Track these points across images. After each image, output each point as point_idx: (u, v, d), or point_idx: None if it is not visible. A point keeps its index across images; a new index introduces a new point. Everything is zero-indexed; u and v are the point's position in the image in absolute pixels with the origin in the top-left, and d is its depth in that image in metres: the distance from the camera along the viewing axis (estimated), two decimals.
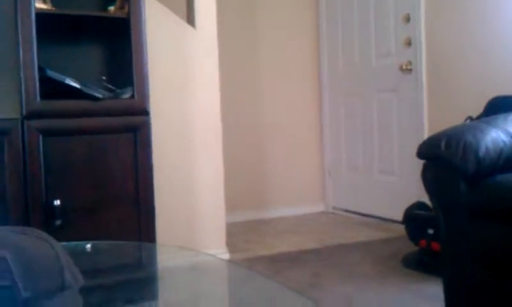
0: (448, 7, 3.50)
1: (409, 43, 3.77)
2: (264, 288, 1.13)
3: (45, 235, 0.98)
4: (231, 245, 3.26)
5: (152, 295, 1.27)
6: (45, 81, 2.19)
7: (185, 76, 2.92)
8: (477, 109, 2.99)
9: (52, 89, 2.21)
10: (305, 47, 4.59)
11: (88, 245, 1.45)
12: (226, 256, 3.06)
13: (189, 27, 2.94)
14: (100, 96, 2.28)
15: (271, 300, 1.03)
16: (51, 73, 2.22)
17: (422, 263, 2.77)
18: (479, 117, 2.84)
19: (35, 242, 0.94)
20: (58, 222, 2.15)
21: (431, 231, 2.74)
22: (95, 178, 2.27)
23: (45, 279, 0.91)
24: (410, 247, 2.97)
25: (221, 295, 1.21)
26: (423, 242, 2.81)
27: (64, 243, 1.08)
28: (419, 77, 3.70)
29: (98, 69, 2.58)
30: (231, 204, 3.45)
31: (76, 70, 2.44)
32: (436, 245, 2.67)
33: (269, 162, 4.47)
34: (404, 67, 3.79)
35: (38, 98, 2.15)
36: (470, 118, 2.94)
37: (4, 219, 2.07)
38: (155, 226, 2.34)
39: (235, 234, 3.72)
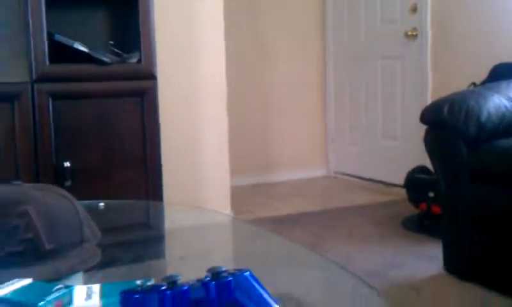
0: None
1: (414, 9, 3.76)
2: (271, 243, 1.18)
3: (64, 191, 1.03)
4: (235, 207, 3.33)
5: (161, 251, 1.32)
6: (54, 46, 2.22)
7: (192, 41, 2.94)
8: (481, 75, 3.01)
9: (60, 53, 2.24)
10: (311, 13, 4.58)
11: (101, 204, 1.50)
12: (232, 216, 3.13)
13: None
14: (107, 60, 2.31)
15: (278, 254, 1.09)
16: (60, 38, 2.25)
17: (422, 226, 2.84)
18: (482, 83, 2.87)
19: (56, 198, 0.99)
20: (68, 183, 2.20)
21: (431, 195, 2.80)
22: (103, 140, 2.32)
23: (66, 232, 0.96)
24: (411, 210, 3.03)
25: (229, 249, 1.27)
26: (423, 205, 2.87)
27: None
28: (424, 44, 3.71)
29: (105, 34, 2.61)
30: (235, 168, 3.50)
31: (84, 34, 2.47)
32: (436, 208, 2.73)
33: (273, 127, 4.51)
34: (409, 33, 3.79)
35: (47, 62, 2.18)
36: (474, 84, 2.97)
37: (16, 180, 2.13)
38: (162, 187, 2.40)
39: (239, 197, 3.79)
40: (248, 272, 0.66)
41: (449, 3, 3.54)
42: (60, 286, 0.73)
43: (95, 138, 2.31)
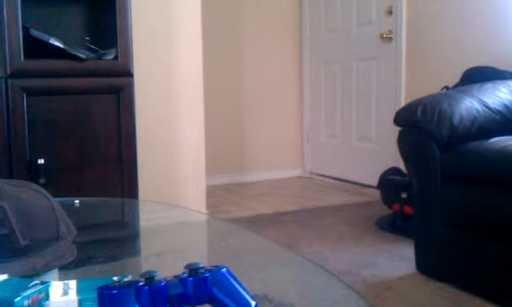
0: None
1: (390, 12, 3.81)
2: (247, 241, 1.19)
3: (40, 188, 1.02)
4: (210, 206, 3.33)
5: (138, 248, 1.32)
6: (29, 41, 2.19)
7: (169, 37, 2.94)
8: (454, 78, 3.07)
9: (36, 48, 2.22)
10: (287, 13, 4.61)
11: (76, 201, 1.50)
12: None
13: None
14: (83, 56, 2.29)
15: (254, 251, 1.10)
16: (35, 33, 2.22)
17: (395, 226, 2.88)
18: (455, 86, 2.92)
19: (31, 194, 0.98)
20: (42, 180, 2.17)
21: (404, 196, 2.84)
22: (78, 137, 2.30)
23: (41, 229, 0.96)
24: (384, 211, 3.07)
25: (205, 246, 1.28)
26: (396, 206, 2.91)
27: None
28: (398, 46, 3.76)
29: (82, 29, 2.58)
30: (211, 168, 3.50)
31: (60, 30, 2.44)
32: (408, 209, 2.78)
33: (249, 127, 4.52)
34: (384, 35, 3.84)
35: (22, 58, 2.16)
36: (447, 87, 3.02)
37: None
38: (137, 184, 2.39)
39: (215, 196, 3.79)
40: (225, 269, 0.67)
41: (424, 7, 3.59)
42: (36, 282, 0.73)
43: (70, 135, 2.29)
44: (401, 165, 2.58)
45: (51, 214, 0.98)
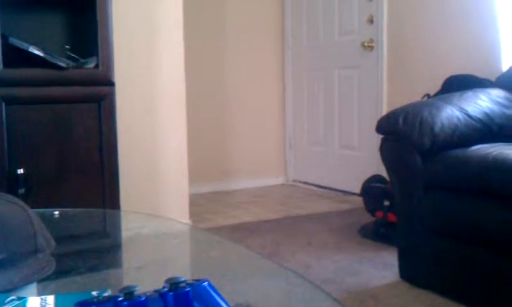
0: None
1: (371, 21, 3.84)
2: (229, 252, 1.18)
3: (17, 200, 1.00)
4: (194, 215, 3.31)
5: (119, 260, 1.30)
6: (8, 49, 2.16)
7: (150, 46, 2.92)
8: (435, 86, 3.10)
9: (15, 57, 2.19)
10: (270, 21, 4.62)
11: (56, 212, 1.47)
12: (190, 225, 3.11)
13: None
14: (63, 65, 2.27)
15: (236, 263, 1.09)
16: (14, 41, 2.19)
17: (378, 234, 2.89)
18: (436, 95, 2.95)
19: (8, 206, 0.96)
20: (22, 190, 2.14)
21: (387, 203, 2.86)
22: (59, 147, 2.27)
23: (19, 242, 0.94)
24: (367, 218, 3.08)
25: (187, 258, 1.26)
26: (379, 214, 2.92)
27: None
28: (380, 55, 3.79)
29: (62, 38, 2.56)
30: (193, 176, 3.48)
31: (40, 38, 2.41)
32: (391, 217, 2.79)
33: (231, 135, 4.52)
34: (366, 44, 3.87)
35: (1, 66, 2.13)
36: (428, 96, 3.05)
37: None
38: (119, 194, 2.36)
39: (198, 205, 3.77)
40: (206, 282, 0.66)
41: (405, 16, 3.63)
42: (13, 297, 0.71)
43: (50, 144, 2.26)
44: (384, 173, 2.60)
45: (29, 226, 0.96)
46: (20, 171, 2.16)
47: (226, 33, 4.43)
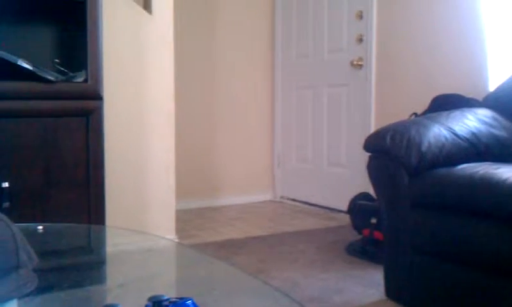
0: (399, 6, 3.62)
1: (360, 40, 3.87)
2: (214, 269, 1.17)
3: (0, 214, 0.99)
4: (180, 231, 3.29)
5: (101, 277, 1.29)
6: None
7: (140, 62, 2.92)
8: (422, 105, 3.12)
9: (3, 70, 2.17)
10: (260, 38, 4.64)
11: (40, 227, 1.45)
12: (176, 241, 3.09)
13: (145, 12, 2.94)
14: (52, 78, 2.26)
15: (222, 281, 1.08)
16: (2, 54, 2.18)
17: (364, 251, 2.89)
18: (423, 113, 2.97)
19: None
20: (6, 204, 2.12)
21: (374, 221, 2.86)
22: (45, 161, 2.25)
23: (0, 257, 0.92)
24: (354, 236, 3.08)
25: (170, 276, 1.25)
26: (366, 231, 2.92)
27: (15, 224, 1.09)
28: (368, 73, 3.81)
29: (51, 51, 2.55)
30: (181, 192, 3.47)
31: (29, 51, 2.40)
32: (378, 234, 2.79)
33: (220, 151, 4.51)
34: (354, 63, 3.89)
35: None
36: (415, 114, 3.07)
37: None
38: (105, 210, 2.34)
39: (185, 221, 3.75)
40: (190, 301, 0.65)
41: (393, 35, 3.66)
42: None
43: (37, 158, 2.24)
44: (371, 191, 2.60)
45: (11, 241, 0.95)
46: (5, 184, 2.14)
47: (216, 50, 4.44)
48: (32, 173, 2.23)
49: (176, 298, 0.66)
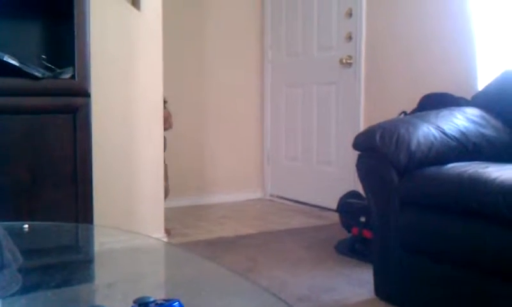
0: (389, 4, 3.62)
1: (350, 38, 3.87)
2: (202, 270, 1.16)
3: None
4: (169, 229, 3.27)
5: (89, 277, 1.27)
6: None
7: (128, 58, 2.90)
8: (411, 104, 3.13)
9: None
10: (250, 36, 4.62)
11: (25, 226, 1.43)
12: (164, 240, 3.07)
13: (133, 9, 2.91)
14: (39, 75, 2.23)
15: (210, 281, 1.07)
16: None
17: (353, 250, 2.89)
18: (412, 112, 2.97)
19: None
20: None
21: (363, 219, 2.86)
22: (32, 158, 2.22)
23: None
24: (343, 234, 3.08)
25: (158, 276, 1.24)
26: (355, 230, 2.92)
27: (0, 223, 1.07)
28: (358, 71, 3.82)
29: (38, 47, 2.52)
30: (171, 189, 3.45)
31: (15, 47, 2.37)
32: (367, 233, 2.79)
33: (209, 149, 4.50)
34: (344, 61, 3.89)
35: None
36: (404, 113, 3.08)
37: None
38: (92, 208, 2.32)
39: (174, 218, 3.73)
40: (176, 303, 0.64)
41: (382, 34, 3.66)
42: None
43: (23, 155, 2.21)
44: (360, 189, 2.60)
45: None
46: None
47: (206, 47, 4.42)
48: (19, 170, 2.20)
49: (163, 300, 0.65)
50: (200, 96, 4.42)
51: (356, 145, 2.26)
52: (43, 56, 2.46)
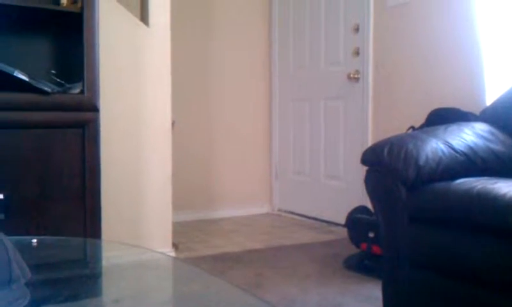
0: (396, 19, 3.63)
1: (357, 53, 3.88)
2: (209, 285, 1.16)
3: None
4: (176, 244, 3.27)
5: (96, 292, 1.27)
6: None
7: (137, 74, 2.92)
8: (419, 119, 3.12)
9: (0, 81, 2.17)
10: (257, 51, 4.65)
11: (34, 240, 1.44)
12: (172, 255, 3.07)
13: (142, 24, 2.94)
14: (48, 90, 2.26)
15: (217, 297, 1.06)
16: None
17: (362, 266, 2.87)
18: (420, 127, 2.96)
19: None
20: (1, 216, 2.10)
21: (371, 235, 2.84)
22: (41, 172, 2.24)
23: None
24: (352, 250, 3.06)
25: (165, 291, 1.24)
26: (364, 245, 2.90)
27: (8, 237, 1.07)
28: (365, 86, 3.82)
29: (48, 63, 2.55)
30: (178, 204, 3.45)
31: (25, 62, 2.40)
32: (376, 248, 2.77)
33: (217, 163, 4.50)
34: (351, 76, 3.90)
35: None
36: (413, 128, 3.07)
37: None
38: (100, 222, 2.33)
39: (181, 233, 3.73)
40: None
41: (390, 48, 3.67)
42: None
43: (32, 170, 2.23)
44: (369, 204, 2.59)
45: (3, 256, 0.94)
46: (0, 196, 2.12)
47: (213, 62, 4.44)
48: (28, 184, 2.21)
49: None
50: (207, 111, 4.44)
51: (364, 160, 2.25)
52: (53, 71, 2.48)
